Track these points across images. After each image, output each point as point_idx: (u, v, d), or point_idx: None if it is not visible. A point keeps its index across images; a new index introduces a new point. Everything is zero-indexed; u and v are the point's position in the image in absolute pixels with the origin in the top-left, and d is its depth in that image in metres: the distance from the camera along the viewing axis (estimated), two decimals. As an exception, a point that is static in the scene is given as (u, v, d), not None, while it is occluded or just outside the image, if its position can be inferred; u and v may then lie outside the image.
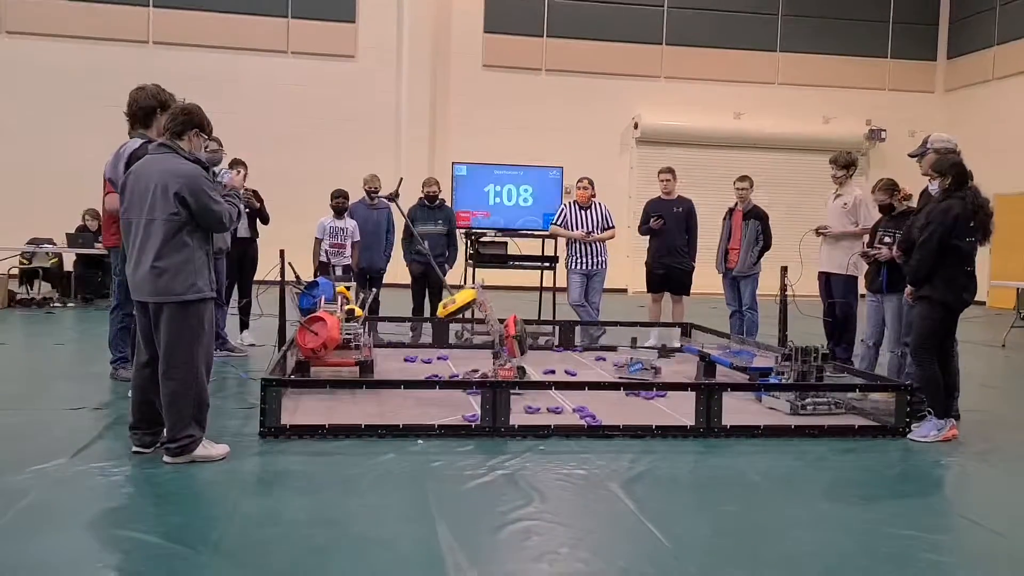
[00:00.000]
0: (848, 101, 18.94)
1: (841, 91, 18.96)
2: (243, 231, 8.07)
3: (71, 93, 16.06)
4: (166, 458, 4.36)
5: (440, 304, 7.01)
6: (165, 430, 4.41)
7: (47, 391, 6.21)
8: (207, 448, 4.42)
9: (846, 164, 7.47)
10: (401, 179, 8.25)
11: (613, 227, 9.21)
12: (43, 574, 3.07)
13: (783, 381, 6.01)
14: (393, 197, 8.08)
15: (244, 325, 8.53)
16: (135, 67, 15.19)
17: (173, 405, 4.32)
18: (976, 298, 5.61)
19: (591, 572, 3.22)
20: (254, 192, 8.34)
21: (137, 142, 5.27)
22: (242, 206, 4.45)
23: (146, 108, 5.27)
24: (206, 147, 4.66)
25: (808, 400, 5.76)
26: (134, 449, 4.52)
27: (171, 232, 4.26)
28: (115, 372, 6.36)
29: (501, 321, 6.28)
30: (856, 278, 7.30)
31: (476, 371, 6.43)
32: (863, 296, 6.95)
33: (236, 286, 8.37)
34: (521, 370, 6.12)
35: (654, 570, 3.25)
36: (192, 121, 4.45)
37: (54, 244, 12.66)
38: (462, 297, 6.58)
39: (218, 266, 7.40)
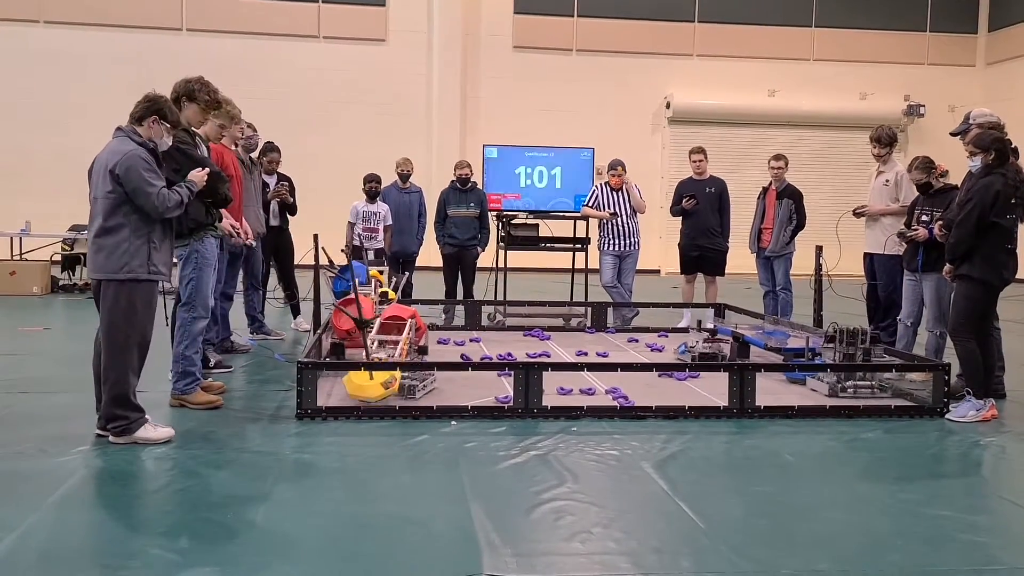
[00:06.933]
0: (886, 76, 18.55)
1: (878, 66, 18.57)
2: (274, 219, 8.15)
3: (108, 81, 16.26)
4: (111, 438, 4.42)
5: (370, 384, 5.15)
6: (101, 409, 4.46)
7: (91, 374, 6.32)
8: (149, 431, 4.45)
9: (889, 142, 7.32)
10: None
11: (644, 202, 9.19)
12: (94, 550, 3.16)
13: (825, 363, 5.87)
14: None
15: (296, 311, 8.65)
16: (169, 54, 15.36)
17: (104, 382, 4.41)
18: (1017, 276, 5.50)
19: (624, 551, 3.24)
20: (289, 181, 8.39)
21: None
22: (187, 196, 4.50)
23: (172, 96, 5.31)
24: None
25: (849, 384, 5.64)
26: (96, 432, 4.51)
27: (109, 210, 4.35)
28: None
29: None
30: (900, 257, 7.18)
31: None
32: (904, 275, 6.83)
33: (276, 274, 8.48)
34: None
35: (687, 550, 3.26)
36: (151, 108, 4.51)
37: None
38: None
39: (251, 255, 7.53)
